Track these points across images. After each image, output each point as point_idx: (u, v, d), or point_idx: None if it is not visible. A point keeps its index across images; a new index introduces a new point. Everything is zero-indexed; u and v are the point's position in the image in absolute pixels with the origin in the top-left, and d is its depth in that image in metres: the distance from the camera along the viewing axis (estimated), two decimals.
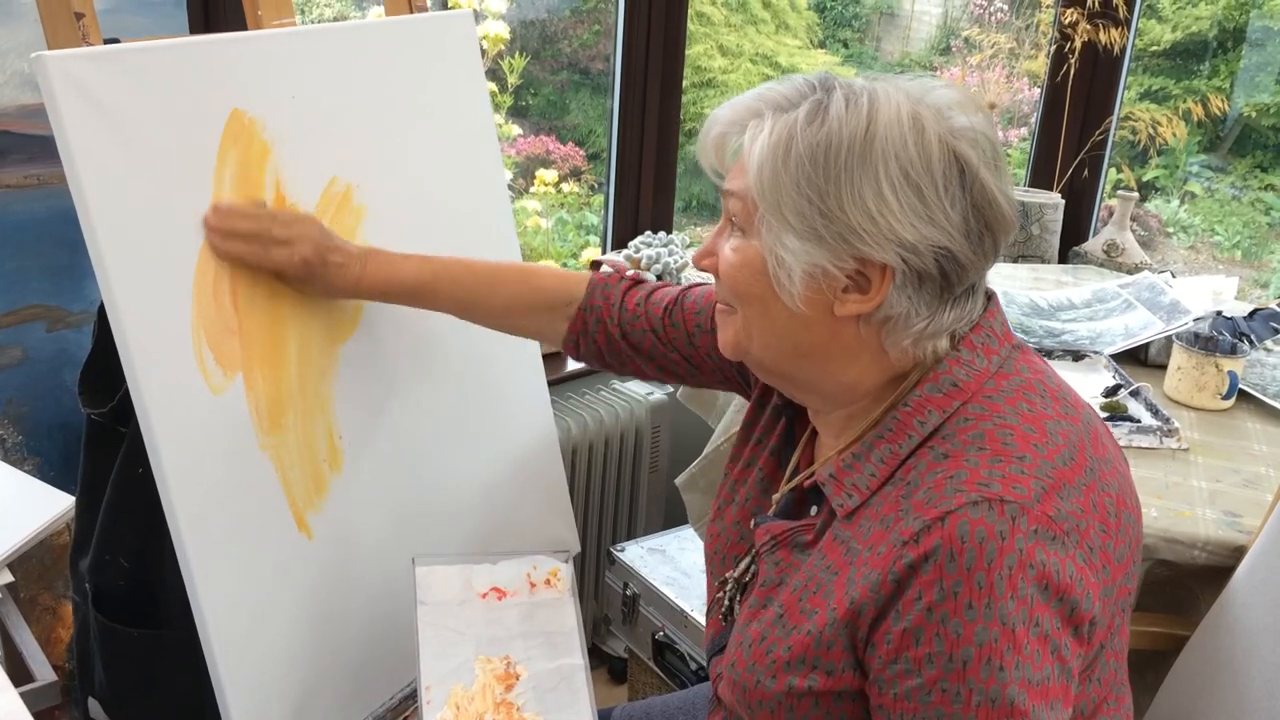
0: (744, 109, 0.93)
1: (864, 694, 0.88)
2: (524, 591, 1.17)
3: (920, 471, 0.88)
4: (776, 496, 1.05)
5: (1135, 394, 1.70)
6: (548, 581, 1.18)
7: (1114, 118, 2.64)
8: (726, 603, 1.05)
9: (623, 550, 2.07)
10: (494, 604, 1.15)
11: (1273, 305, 1.97)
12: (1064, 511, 0.84)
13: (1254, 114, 4.44)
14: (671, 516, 2.36)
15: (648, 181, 2.53)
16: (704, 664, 1.85)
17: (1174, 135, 2.68)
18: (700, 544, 1.82)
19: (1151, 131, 2.70)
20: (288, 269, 1.16)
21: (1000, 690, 0.81)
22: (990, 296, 0.96)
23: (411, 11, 1.44)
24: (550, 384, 1.62)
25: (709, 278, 1.01)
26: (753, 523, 1.04)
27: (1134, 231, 2.57)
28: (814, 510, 0.98)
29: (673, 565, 2.03)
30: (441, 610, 1.11)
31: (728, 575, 1.06)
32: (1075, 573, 0.84)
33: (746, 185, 0.91)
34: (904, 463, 0.90)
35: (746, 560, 1.04)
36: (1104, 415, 1.61)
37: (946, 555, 0.81)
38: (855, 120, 0.87)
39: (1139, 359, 1.88)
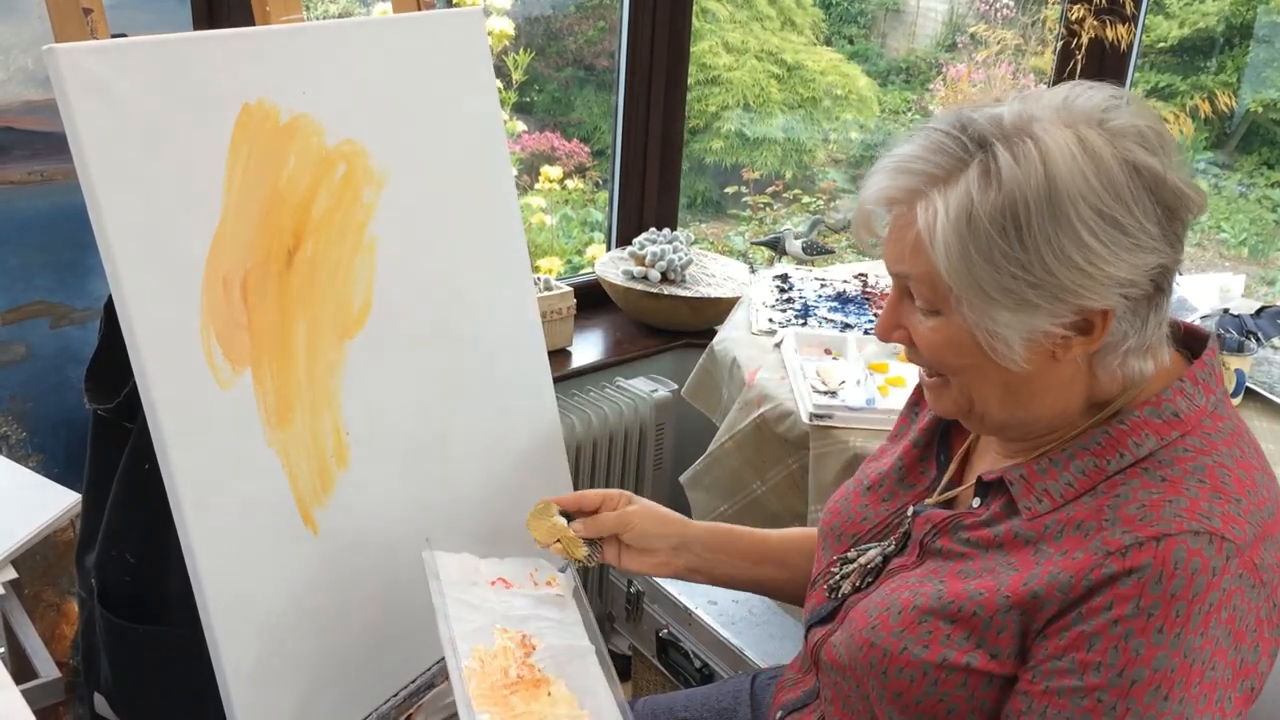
0: (896, 190, 0.89)
1: (1014, 681, 0.88)
2: (528, 586, 1.18)
3: (1132, 488, 0.87)
4: (945, 496, 1.03)
5: None
6: (549, 583, 1.21)
7: None
8: (837, 579, 1.05)
9: None
10: (502, 590, 1.17)
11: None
12: (1266, 562, 0.84)
13: (1261, 110, 4.43)
14: None
15: (652, 178, 2.53)
16: (708, 661, 1.85)
17: (1181, 132, 2.67)
18: None
19: None
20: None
21: (1157, 719, 0.81)
22: (1207, 336, 0.95)
23: (419, 9, 1.43)
24: (555, 381, 1.62)
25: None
26: (910, 510, 1.04)
27: None
28: (976, 502, 0.98)
29: None
30: (455, 587, 1.13)
31: (849, 556, 1.06)
32: (1254, 624, 0.83)
33: (930, 269, 0.87)
34: (1108, 478, 0.89)
35: (876, 549, 1.04)
36: None
37: (1154, 576, 0.81)
38: (1031, 173, 0.83)
39: None
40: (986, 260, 0.84)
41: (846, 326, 1.98)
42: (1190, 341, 0.97)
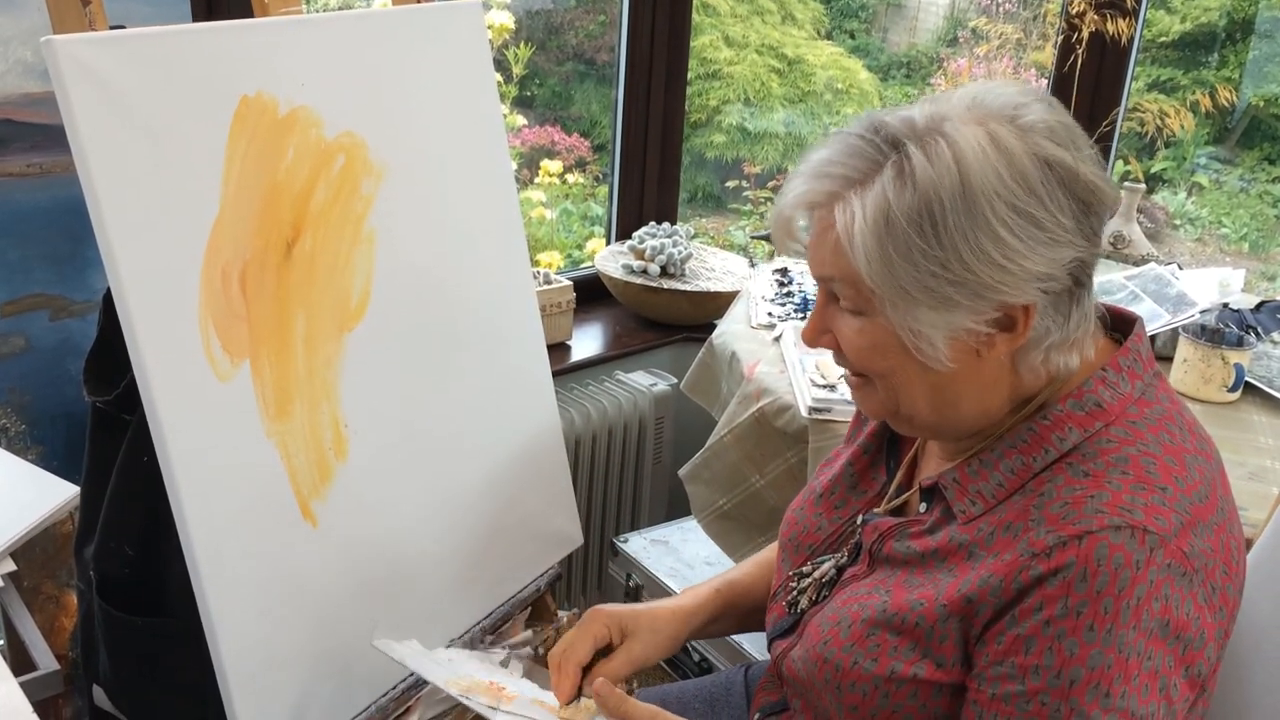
0: (814, 194, 0.89)
1: (965, 689, 0.88)
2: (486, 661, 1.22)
3: (1056, 485, 0.87)
4: (893, 503, 1.04)
5: None
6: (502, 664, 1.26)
7: (1121, 109, 2.63)
8: (795, 594, 1.05)
9: (626, 541, 2.07)
10: (457, 657, 1.21)
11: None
12: (1196, 549, 0.84)
13: (1262, 105, 4.43)
14: (675, 508, 2.36)
15: (652, 173, 2.53)
16: (707, 655, 1.85)
17: (1182, 127, 2.67)
18: (703, 536, 1.83)
19: (1159, 123, 2.69)
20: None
21: (1100, 715, 0.81)
22: (1135, 320, 0.95)
23: (419, 1, 1.43)
24: (554, 374, 1.62)
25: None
26: (860, 518, 1.04)
27: (1141, 223, 2.56)
28: (923, 508, 0.98)
29: (675, 557, 2.03)
30: (415, 656, 1.15)
31: (804, 570, 1.06)
32: (1194, 612, 0.83)
33: (851, 270, 0.87)
34: (1036, 476, 0.89)
35: (830, 561, 1.04)
36: None
37: (1078, 575, 0.81)
38: (944, 171, 0.83)
39: None
40: (905, 259, 0.84)
41: None
42: (1121, 325, 0.96)
